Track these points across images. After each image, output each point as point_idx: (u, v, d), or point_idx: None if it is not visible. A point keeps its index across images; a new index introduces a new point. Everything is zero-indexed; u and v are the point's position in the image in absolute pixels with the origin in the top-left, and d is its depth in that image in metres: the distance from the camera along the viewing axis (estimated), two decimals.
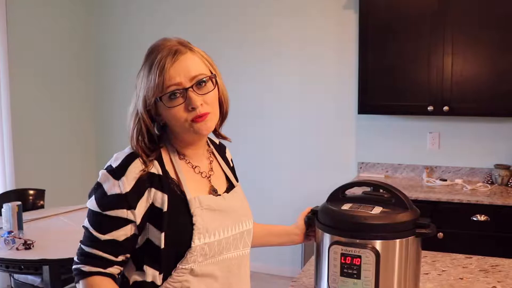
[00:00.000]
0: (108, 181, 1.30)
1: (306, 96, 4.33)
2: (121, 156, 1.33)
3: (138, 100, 1.33)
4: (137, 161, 1.31)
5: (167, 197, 1.31)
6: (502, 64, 3.45)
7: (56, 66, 4.65)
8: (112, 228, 1.29)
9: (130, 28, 4.85)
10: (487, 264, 1.99)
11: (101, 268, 1.30)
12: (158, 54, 1.31)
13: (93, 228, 1.31)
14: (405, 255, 1.48)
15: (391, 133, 4.10)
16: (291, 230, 1.75)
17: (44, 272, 2.62)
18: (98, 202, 1.30)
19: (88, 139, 5.03)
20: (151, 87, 1.30)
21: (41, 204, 3.76)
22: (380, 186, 1.61)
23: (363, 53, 3.78)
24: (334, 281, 1.49)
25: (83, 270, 1.30)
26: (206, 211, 1.35)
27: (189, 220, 1.32)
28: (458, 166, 3.94)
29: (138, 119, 1.34)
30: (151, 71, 1.30)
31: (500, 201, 3.26)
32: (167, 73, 1.29)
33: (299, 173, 4.40)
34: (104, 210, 1.29)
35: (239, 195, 1.50)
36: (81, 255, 1.32)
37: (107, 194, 1.29)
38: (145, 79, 1.31)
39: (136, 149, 1.33)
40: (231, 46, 4.48)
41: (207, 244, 1.33)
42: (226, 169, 1.54)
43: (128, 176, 1.29)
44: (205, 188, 1.42)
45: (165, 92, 1.30)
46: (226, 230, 1.39)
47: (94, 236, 1.30)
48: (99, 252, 1.30)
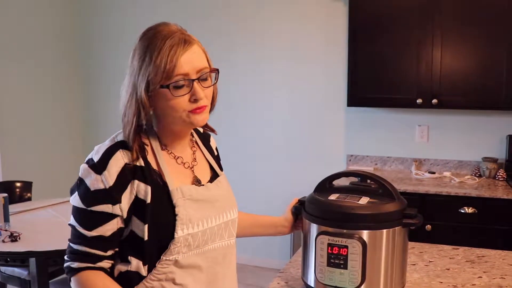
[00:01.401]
0: (90, 176, 1.28)
1: (295, 89, 4.32)
2: (102, 149, 1.30)
3: (139, 82, 1.27)
4: (118, 154, 1.29)
5: (150, 189, 1.29)
6: (490, 58, 3.46)
7: (41, 57, 4.61)
8: (98, 224, 1.28)
9: (116, 16, 4.81)
10: (474, 255, 2.00)
11: (90, 263, 1.29)
12: (167, 39, 1.27)
13: (79, 225, 1.29)
14: (392, 245, 1.48)
15: (380, 125, 4.11)
16: (278, 221, 1.75)
17: (31, 264, 2.60)
18: (82, 198, 1.28)
19: (75, 130, 5.00)
20: (159, 72, 1.25)
21: (28, 196, 3.73)
22: (368, 176, 1.61)
23: (352, 46, 3.78)
24: (321, 271, 1.49)
25: (73, 267, 1.30)
26: (189, 202, 1.33)
27: (172, 211, 1.30)
28: (446, 159, 3.96)
29: (137, 103, 1.28)
30: (160, 55, 1.25)
31: (487, 194, 3.28)
32: (178, 61, 1.26)
33: (288, 166, 4.39)
34: (89, 206, 1.27)
35: (223, 184, 1.49)
36: (70, 253, 1.31)
37: (90, 189, 1.27)
38: (150, 63, 1.26)
39: (132, 136, 1.29)
40: (218, 36, 4.45)
41: (190, 234, 1.31)
42: (210, 159, 1.52)
43: (110, 170, 1.26)
44: (188, 178, 1.40)
45: (172, 80, 1.27)
46: (210, 220, 1.37)
47: (81, 233, 1.29)
48: (87, 248, 1.29)
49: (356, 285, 1.45)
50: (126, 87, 1.31)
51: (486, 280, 1.75)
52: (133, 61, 1.30)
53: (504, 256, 1.99)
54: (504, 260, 1.95)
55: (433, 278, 1.76)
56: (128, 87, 1.30)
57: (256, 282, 4.09)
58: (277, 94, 4.38)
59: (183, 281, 1.32)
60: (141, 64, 1.28)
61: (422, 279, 1.76)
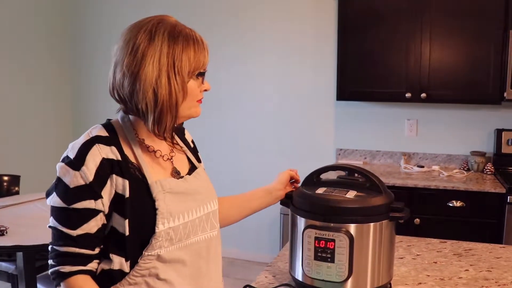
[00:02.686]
0: (69, 174, 1.24)
1: (284, 82, 4.31)
2: (77, 145, 1.27)
3: (179, 67, 1.26)
4: (94, 148, 1.26)
5: (128, 183, 1.27)
6: (478, 52, 3.47)
7: (30, 52, 4.57)
8: (83, 221, 1.25)
9: (106, 13, 4.78)
10: (461, 248, 2.01)
11: (81, 266, 1.26)
12: (191, 31, 1.32)
13: (62, 225, 1.25)
14: (379, 238, 1.49)
15: (370, 119, 4.12)
16: (272, 187, 1.71)
17: (18, 258, 2.59)
18: (62, 197, 1.24)
19: (63, 124, 4.97)
20: (200, 61, 1.30)
21: (16, 190, 3.70)
22: (355, 170, 1.61)
23: (342, 40, 3.78)
24: (308, 265, 1.49)
25: (63, 272, 1.25)
26: (169, 195, 1.32)
27: (152, 205, 1.28)
28: (435, 153, 3.98)
29: (184, 88, 1.29)
30: (197, 45, 1.30)
31: (475, 187, 3.29)
32: (208, 54, 1.33)
33: (277, 160, 4.39)
34: (70, 204, 1.24)
35: (202, 176, 1.47)
36: (56, 257, 1.26)
37: (69, 187, 1.24)
38: (189, 51, 1.28)
39: (173, 123, 1.31)
40: (207, 29, 4.43)
41: (171, 228, 1.30)
42: (187, 151, 1.51)
43: (88, 166, 1.24)
44: (167, 171, 1.39)
45: (202, 70, 1.33)
46: (190, 212, 1.36)
47: (66, 234, 1.24)
48: (75, 249, 1.25)
49: (343, 278, 1.45)
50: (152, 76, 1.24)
51: (472, 273, 1.76)
52: (153, 46, 1.25)
53: (491, 249, 2.01)
54: (490, 253, 1.97)
55: (420, 272, 1.77)
56: (162, 76, 1.25)
57: (245, 276, 4.09)
58: (267, 89, 4.38)
59: (167, 276, 1.31)
60: (176, 51, 1.26)
61: (409, 273, 1.76)
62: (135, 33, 1.27)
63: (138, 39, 1.26)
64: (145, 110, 1.27)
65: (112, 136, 1.31)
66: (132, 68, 1.25)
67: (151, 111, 1.26)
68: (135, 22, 1.31)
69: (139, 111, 1.28)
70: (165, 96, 1.25)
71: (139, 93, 1.25)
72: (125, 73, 1.26)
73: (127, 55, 1.26)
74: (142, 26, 1.28)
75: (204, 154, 4.48)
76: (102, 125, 1.34)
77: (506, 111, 3.79)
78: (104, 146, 1.27)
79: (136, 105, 1.27)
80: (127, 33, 1.29)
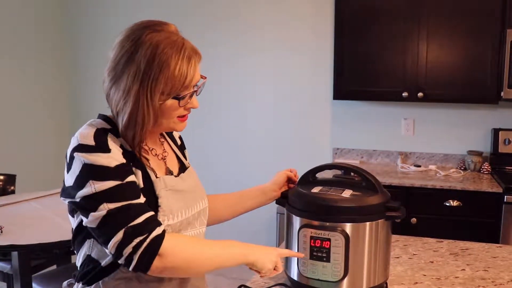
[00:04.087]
0: (100, 157, 1.19)
1: (281, 82, 4.30)
2: (89, 135, 1.22)
3: (151, 89, 1.21)
4: (109, 137, 1.24)
5: (140, 173, 1.27)
6: (475, 51, 3.47)
7: (26, 46, 4.54)
8: (140, 191, 1.23)
9: (103, 12, 4.76)
10: (457, 248, 2.01)
11: (162, 225, 1.23)
12: (181, 48, 1.25)
13: (126, 200, 1.18)
14: (375, 238, 1.48)
15: (366, 119, 4.11)
16: (267, 187, 1.71)
17: (13, 258, 2.57)
18: (111, 177, 1.18)
19: (60, 123, 4.95)
20: (177, 84, 1.23)
21: (11, 189, 3.68)
22: (351, 169, 1.60)
23: (339, 39, 3.77)
24: (304, 265, 1.49)
25: (157, 236, 1.18)
26: (170, 192, 1.32)
27: (154, 202, 1.28)
28: (432, 152, 3.97)
29: (154, 111, 1.23)
30: (179, 66, 1.22)
31: (472, 187, 3.29)
32: (195, 74, 1.27)
33: (273, 159, 4.38)
34: (124, 179, 1.19)
35: (193, 174, 1.49)
36: (137, 233, 1.16)
37: (111, 167, 1.18)
38: (168, 72, 1.21)
39: (138, 141, 1.26)
40: (204, 28, 4.41)
41: (170, 225, 1.30)
42: (175, 149, 1.51)
43: (113, 150, 1.21)
44: (162, 169, 1.38)
45: (186, 92, 1.27)
46: (187, 210, 1.37)
47: (135, 204, 1.18)
48: (149, 213, 1.20)
49: (338, 278, 1.45)
50: (124, 87, 1.22)
51: (469, 272, 1.76)
52: (133, 59, 1.22)
53: (487, 249, 2.00)
54: (487, 252, 1.96)
55: (416, 271, 1.77)
56: (132, 90, 1.22)
57: (240, 276, 4.07)
58: (263, 87, 4.36)
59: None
60: (153, 70, 1.21)
61: (405, 272, 1.76)
62: (126, 39, 1.26)
63: (124, 47, 1.24)
64: (116, 117, 1.28)
65: (115, 129, 1.29)
66: (112, 74, 1.26)
67: (120, 120, 1.26)
68: (136, 23, 1.30)
69: (114, 115, 1.29)
70: (133, 112, 1.23)
71: (113, 98, 1.27)
72: (108, 75, 1.27)
73: (112, 60, 1.26)
74: (135, 32, 1.26)
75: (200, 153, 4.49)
76: (101, 119, 1.32)
77: (503, 111, 3.79)
78: (114, 137, 1.26)
79: (111, 107, 1.29)
80: (123, 34, 1.28)
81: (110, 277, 1.28)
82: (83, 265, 1.33)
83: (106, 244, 1.19)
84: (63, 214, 2.73)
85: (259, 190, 1.72)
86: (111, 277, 1.28)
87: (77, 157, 1.20)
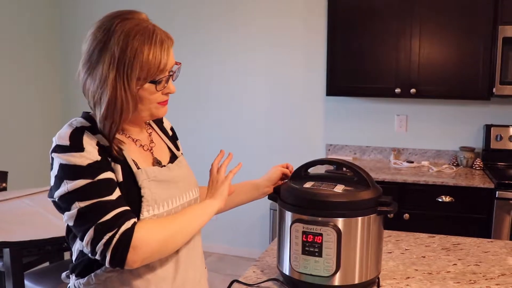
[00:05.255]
0: (74, 157, 1.21)
1: (274, 78, 4.30)
2: (66, 135, 1.24)
3: (126, 76, 1.23)
4: (86, 136, 1.25)
5: (120, 168, 1.27)
6: (467, 48, 3.48)
7: (17, 44, 4.52)
8: (113, 187, 1.23)
9: (96, 10, 4.74)
10: (449, 243, 2.02)
11: (133, 218, 1.22)
12: (153, 33, 1.26)
13: (98, 197, 1.19)
14: (367, 233, 1.48)
15: (359, 115, 4.12)
16: (260, 182, 1.73)
17: (5, 255, 2.56)
18: (82, 176, 1.19)
19: (52, 120, 4.93)
20: (153, 68, 1.25)
21: (3, 186, 3.67)
22: (343, 164, 1.60)
23: (332, 36, 3.77)
24: (296, 260, 1.49)
25: (126, 230, 1.18)
26: (154, 183, 1.32)
27: (137, 192, 1.28)
28: (424, 149, 3.99)
29: (133, 98, 1.25)
30: (153, 51, 1.24)
31: (464, 183, 3.31)
32: (169, 57, 1.28)
33: (267, 155, 4.38)
34: (95, 177, 1.20)
35: (184, 164, 1.49)
36: (106, 229, 1.17)
37: (83, 166, 1.20)
38: (142, 58, 1.23)
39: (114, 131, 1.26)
40: (198, 24, 4.41)
41: (156, 215, 1.30)
42: (166, 140, 1.52)
43: (87, 149, 1.23)
44: (149, 160, 1.39)
45: (162, 76, 1.28)
46: (174, 200, 1.37)
47: (106, 201, 1.19)
48: (121, 208, 1.21)
49: (330, 273, 1.45)
50: (100, 76, 1.24)
51: (460, 267, 1.76)
52: (107, 47, 1.24)
53: (478, 244, 2.01)
54: (478, 247, 1.97)
55: (408, 266, 1.77)
56: (108, 78, 1.23)
57: (235, 272, 4.09)
58: (256, 84, 4.36)
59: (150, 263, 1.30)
60: (127, 57, 1.23)
61: (397, 267, 1.76)
62: (98, 30, 1.27)
63: (97, 37, 1.26)
64: (94, 109, 1.29)
65: (94, 126, 1.30)
66: (87, 66, 1.27)
67: (98, 111, 1.27)
68: (107, 14, 1.32)
69: (91, 108, 1.30)
70: (111, 99, 1.24)
71: (89, 89, 1.28)
72: (83, 67, 1.29)
73: (86, 51, 1.28)
74: (105, 22, 1.28)
75: (194, 149, 4.47)
76: (81, 117, 1.34)
77: (495, 107, 3.80)
78: (91, 134, 1.27)
79: (88, 99, 1.30)
80: (95, 26, 1.29)
81: (102, 270, 1.30)
82: (76, 259, 1.36)
83: (82, 241, 1.21)
84: (55, 211, 2.70)
85: (252, 185, 1.73)
86: (102, 270, 1.30)
87: (55, 158, 1.23)
